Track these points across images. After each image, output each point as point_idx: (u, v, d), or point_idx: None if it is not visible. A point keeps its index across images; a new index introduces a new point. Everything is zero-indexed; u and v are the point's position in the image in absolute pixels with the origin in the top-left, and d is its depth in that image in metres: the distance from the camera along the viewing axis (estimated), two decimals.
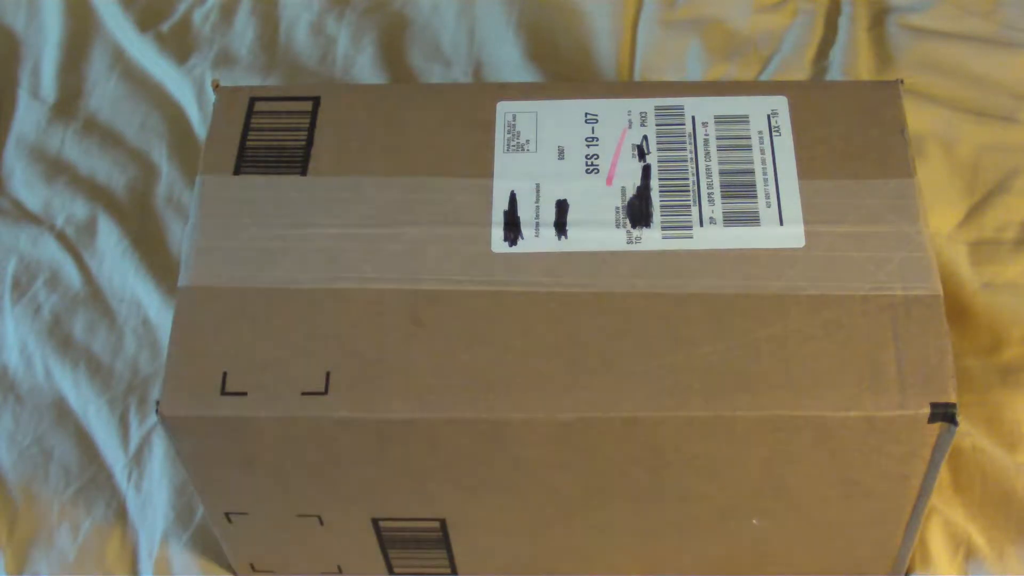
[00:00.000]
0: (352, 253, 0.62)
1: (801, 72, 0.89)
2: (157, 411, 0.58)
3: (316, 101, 0.67)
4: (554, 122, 0.66)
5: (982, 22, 0.90)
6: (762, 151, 0.64)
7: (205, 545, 0.72)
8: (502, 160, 0.64)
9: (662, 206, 0.63)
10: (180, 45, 0.93)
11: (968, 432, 0.73)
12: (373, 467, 0.61)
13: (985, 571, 0.70)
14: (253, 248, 0.62)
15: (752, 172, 0.63)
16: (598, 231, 0.62)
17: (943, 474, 0.66)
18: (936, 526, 0.71)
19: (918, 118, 0.82)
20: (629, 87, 0.77)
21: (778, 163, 0.64)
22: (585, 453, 0.60)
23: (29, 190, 0.86)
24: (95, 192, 0.86)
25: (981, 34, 0.89)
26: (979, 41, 0.89)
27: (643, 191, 0.63)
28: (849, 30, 0.90)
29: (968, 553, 0.70)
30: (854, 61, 0.88)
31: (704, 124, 0.65)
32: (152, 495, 0.74)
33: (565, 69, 0.90)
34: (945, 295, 0.60)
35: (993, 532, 0.71)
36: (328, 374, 0.58)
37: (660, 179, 0.63)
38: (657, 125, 0.65)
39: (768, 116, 0.65)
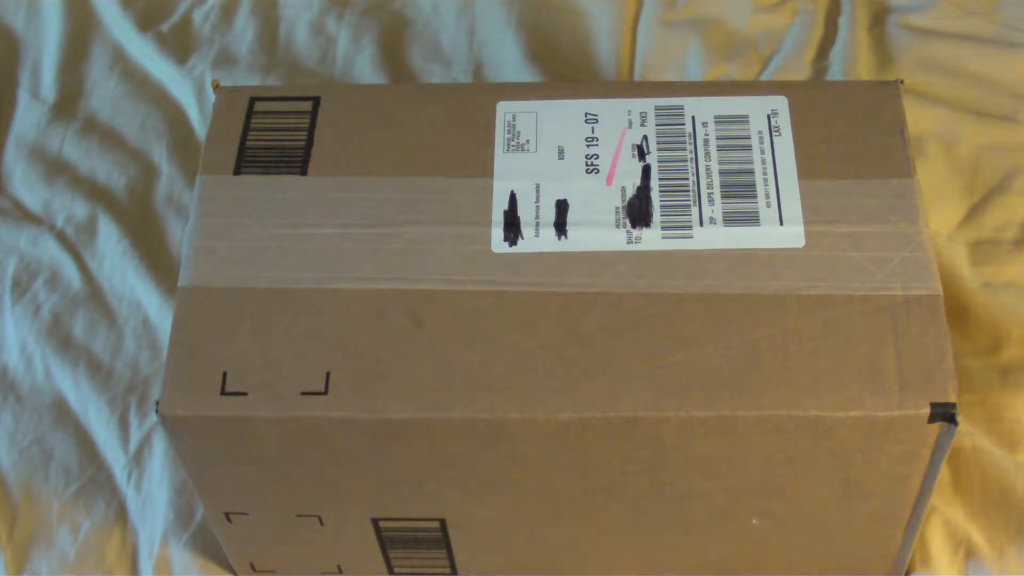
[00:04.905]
0: (352, 253, 0.62)
1: (801, 72, 0.89)
2: (157, 411, 0.58)
3: (316, 101, 0.67)
4: (554, 122, 0.66)
5: (982, 22, 0.90)
6: (762, 151, 0.64)
7: (205, 545, 0.72)
8: (502, 160, 0.64)
9: (662, 206, 0.63)
10: (180, 45, 0.93)
11: (968, 432, 0.73)
12: (373, 467, 0.61)
13: (985, 571, 0.70)
14: (253, 248, 0.62)
15: (752, 172, 0.63)
16: (598, 231, 0.62)
17: (943, 474, 0.66)
18: (936, 526, 0.71)
19: (918, 118, 0.82)
20: (629, 87, 0.77)
21: (778, 163, 0.64)
22: (585, 453, 0.59)
23: (29, 190, 0.86)
24: (95, 192, 0.86)
25: (981, 34, 0.89)
26: (979, 41, 0.89)
27: (643, 191, 0.63)
28: (849, 30, 0.90)
29: (968, 553, 0.70)
30: (854, 61, 0.88)
31: (704, 124, 0.65)
32: (152, 495, 0.74)
33: (565, 69, 0.90)
34: (945, 295, 0.60)
35: (993, 532, 0.71)
36: (328, 374, 0.58)
37: (660, 179, 0.63)
38: (657, 125, 0.65)
39: (768, 116, 0.65)
